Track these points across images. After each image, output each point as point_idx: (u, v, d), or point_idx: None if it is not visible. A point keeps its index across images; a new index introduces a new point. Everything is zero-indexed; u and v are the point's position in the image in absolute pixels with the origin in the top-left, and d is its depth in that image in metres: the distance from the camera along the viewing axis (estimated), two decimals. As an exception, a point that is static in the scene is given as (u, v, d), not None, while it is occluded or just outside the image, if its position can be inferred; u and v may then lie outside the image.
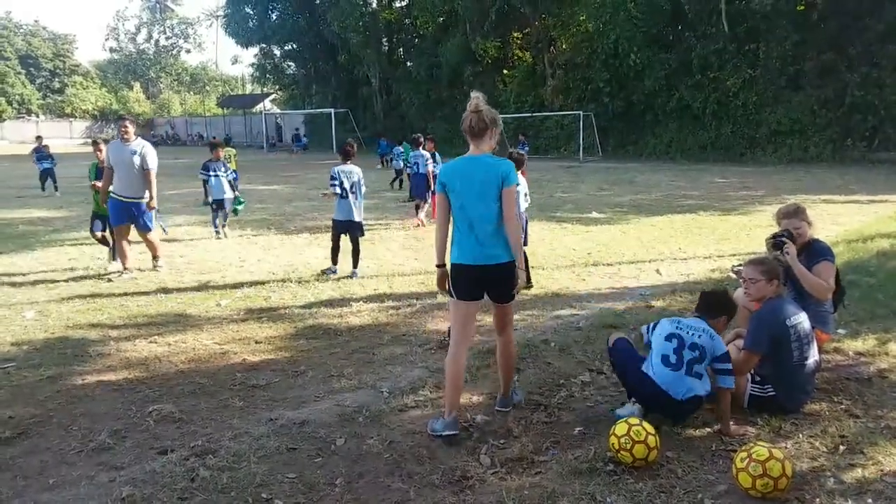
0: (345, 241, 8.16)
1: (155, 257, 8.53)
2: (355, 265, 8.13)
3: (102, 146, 8.89)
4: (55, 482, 3.40)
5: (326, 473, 3.40)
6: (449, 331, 4.49)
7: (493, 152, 3.94)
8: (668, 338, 3.86)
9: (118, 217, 8.09)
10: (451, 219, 3.95)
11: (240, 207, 11.49)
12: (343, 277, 7.96)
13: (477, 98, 3.90)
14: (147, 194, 8.11)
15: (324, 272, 8.17)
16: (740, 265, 7.83)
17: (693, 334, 3.83)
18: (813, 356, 4.05)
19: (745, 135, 29.58)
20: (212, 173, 11.04)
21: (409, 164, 13.91)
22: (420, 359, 5.17)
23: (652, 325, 4.12)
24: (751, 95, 29.30)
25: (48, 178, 18.56)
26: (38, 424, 4.09)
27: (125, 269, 8.12)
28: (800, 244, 4.54)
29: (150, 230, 8.27)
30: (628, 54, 32.18)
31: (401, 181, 19.02)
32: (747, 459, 3.10)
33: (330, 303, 6.88)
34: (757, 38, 29.55)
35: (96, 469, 3.51)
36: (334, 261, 8.21)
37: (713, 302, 4.05)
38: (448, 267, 3.97)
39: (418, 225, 12.25)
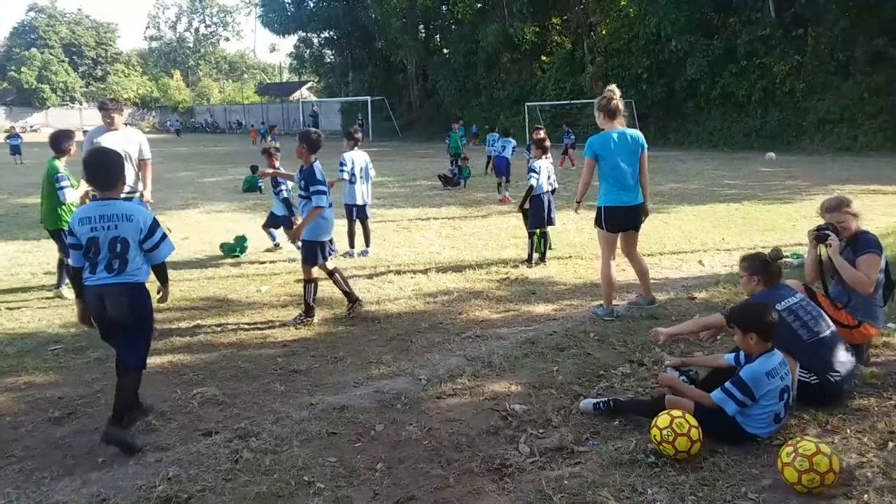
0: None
1: None
2: (367, 244, 8.63)
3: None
4: (104, 461, 3.49)
5: (367, 458, 3.43)
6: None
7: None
8: (782, 393, 3.55)
9: None
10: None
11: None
12: (380, 268, 8.01)
13: (614, 89, 5.63)
14: (141, 185, 6.91)
15: (343, 255, 8.44)
16: (786, 256, 7.67)
17: (786, 376, 3.63)
18: (827, 328, 3.96)
19: (792, 123, 28.83)
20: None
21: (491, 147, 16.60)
22: (458, 347, 5.18)
23: (743, 383, 3.51)
24: (798, 82, 28.53)
25: None
26: (87, 405, 4.22)
27: None
28: (846, 236, 4.43)
29: None
30: (670, 39, 31.59)
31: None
32: (793, 454, 3.03)
33: (367, 290, 6.92)
34: (805, 23, 28.71)
35: (143, 449, 3.60)
36: (351, 244, 8.60)
37: (750, 317, 3.66)
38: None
39: (503, 201, 13.54)
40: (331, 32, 55.39)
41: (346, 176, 8.41)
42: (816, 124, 27.95)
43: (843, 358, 3.95)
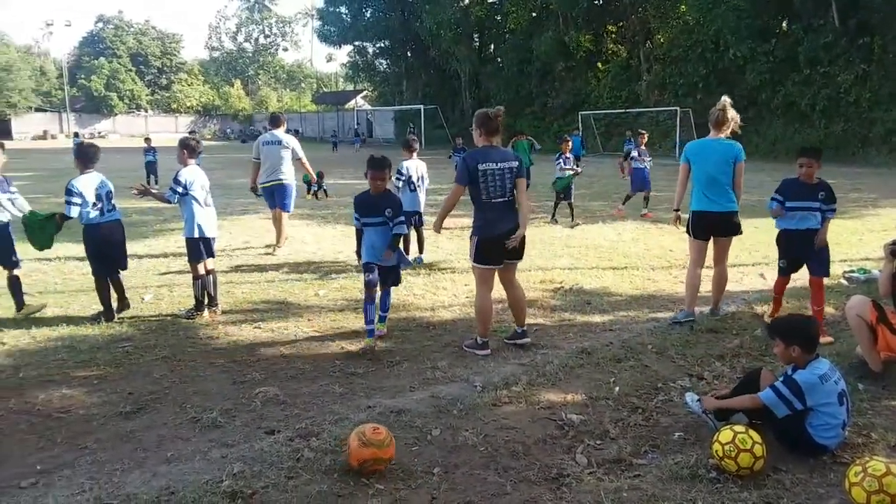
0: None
1: None
2: (421, 251, 8.70)
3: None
4: (172, 455, 3.63)
5: (424, 462, 3.47)
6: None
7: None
8: (840, 398, 3.50)
9: None
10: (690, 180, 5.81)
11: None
12: (434, 275, 8.07)
13: (727, 101, 5.68)
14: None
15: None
16: (852, 271, 7.44)
17: (840, 381, 3.57)
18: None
19: (858, 134, 27.91)
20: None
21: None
22: (513, 355, 5.19)
23: (798, 382, 3.47)
24: (864, 92, 27.61)
25: (151, 172, 20.47)
26: (155, 401, 4.38)
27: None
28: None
29: None
30: (729, 47, 30.99)
31: None
32: (862, 474, 2.95)
33: (422, 296, 6.98)
34: (871, 31, 27.79)
35: (209, 445, 3.73)
36: (406, 250, 8.47)
37: (794, 329, 3.62)
38: (687, 214, 5.95)
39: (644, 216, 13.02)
40: (385, 42, 56.15)
41: (399, 184, 8.35)
42: (883, 136, 27.00)
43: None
